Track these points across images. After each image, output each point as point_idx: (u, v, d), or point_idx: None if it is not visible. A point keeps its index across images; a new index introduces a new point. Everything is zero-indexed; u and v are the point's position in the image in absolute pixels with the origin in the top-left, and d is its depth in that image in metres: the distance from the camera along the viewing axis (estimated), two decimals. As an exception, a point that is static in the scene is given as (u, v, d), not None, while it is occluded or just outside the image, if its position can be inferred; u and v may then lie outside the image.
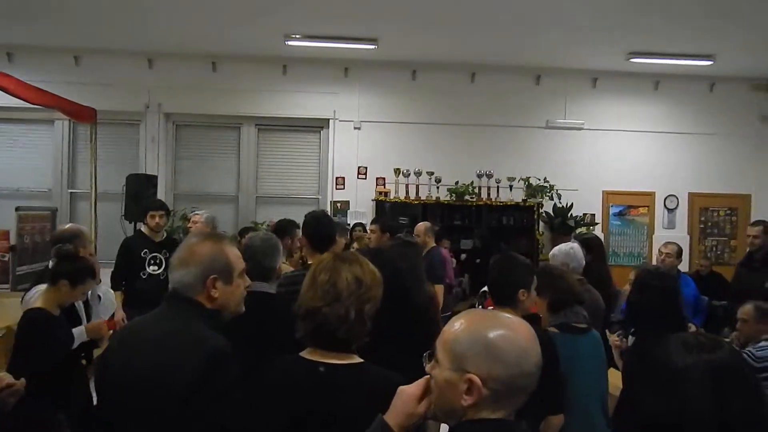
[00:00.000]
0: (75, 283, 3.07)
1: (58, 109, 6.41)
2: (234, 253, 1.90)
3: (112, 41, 7.96)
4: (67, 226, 4.18)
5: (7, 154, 8.51)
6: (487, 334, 1.33)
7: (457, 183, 8.57)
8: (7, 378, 2.32)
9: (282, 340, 1.96)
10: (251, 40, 7.79)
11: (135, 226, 7.01)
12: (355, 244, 6.22)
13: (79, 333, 3.16)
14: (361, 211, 8.55)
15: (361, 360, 1.85)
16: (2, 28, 7.47)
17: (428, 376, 1.42)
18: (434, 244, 6.24)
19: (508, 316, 1.42)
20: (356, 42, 7.70)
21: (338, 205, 8.71)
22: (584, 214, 8.87)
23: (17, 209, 7.35)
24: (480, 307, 4.25)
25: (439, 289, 5.47)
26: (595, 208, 8.99)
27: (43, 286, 3.16)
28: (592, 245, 4.65)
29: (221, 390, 1.65)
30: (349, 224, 7.56)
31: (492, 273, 2.85)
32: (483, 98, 8.80)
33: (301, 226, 3.74)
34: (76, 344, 3.12)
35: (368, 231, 6.80)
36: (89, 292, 3.46)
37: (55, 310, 3.04)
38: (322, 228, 3.53)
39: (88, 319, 3.45)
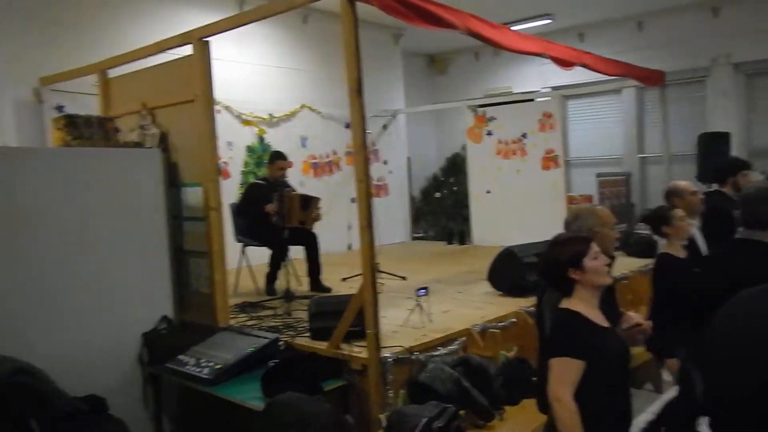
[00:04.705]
0: None
1: (629, 77, 6.67)
2: None
3: (673, -1, 7.82)
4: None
5: (583, 126, 9.41)
6: None
7: None
8: (636, 318, 2.54)
9: None
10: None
11: (709, 187, 6.76)
12: None
13: None
14: None
15: None
16: (572, 14, 8.24)
17: None
18: None
19: None
20: None
21: None
22: None
23: (598, 176, 8.13)
24: None
25: None
26: None
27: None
28: None
29: None
30: None
31: None
32: None
33: None
34: None
35: None
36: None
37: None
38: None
39: None
